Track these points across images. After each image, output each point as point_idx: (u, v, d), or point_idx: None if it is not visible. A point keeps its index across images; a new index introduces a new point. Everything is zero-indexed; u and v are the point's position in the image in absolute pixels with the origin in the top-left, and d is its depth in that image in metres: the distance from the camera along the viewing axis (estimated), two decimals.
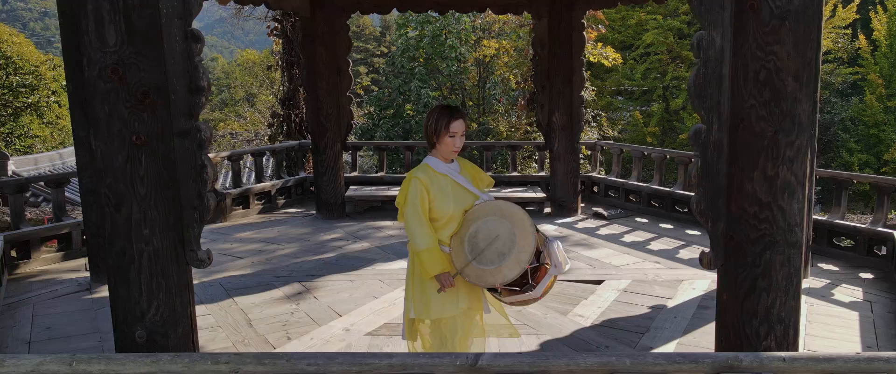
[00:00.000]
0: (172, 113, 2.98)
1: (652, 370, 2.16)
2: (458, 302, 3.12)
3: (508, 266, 2.94)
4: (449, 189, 3.09)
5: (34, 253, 6.07)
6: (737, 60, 2.98)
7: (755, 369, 2.16)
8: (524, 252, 2.94)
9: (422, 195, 3.04)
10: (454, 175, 3.14)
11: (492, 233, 3.01)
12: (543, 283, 3.03)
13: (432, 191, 3.06)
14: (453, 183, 3.11)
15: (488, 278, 2.98)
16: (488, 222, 3.04)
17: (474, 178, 3.26)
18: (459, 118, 3.11)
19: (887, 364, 2.16)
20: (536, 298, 3.08)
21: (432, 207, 3.07)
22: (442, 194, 3.06)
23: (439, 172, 3.12)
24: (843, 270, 5.93)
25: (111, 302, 3.07)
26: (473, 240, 3.04)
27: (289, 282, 5.73)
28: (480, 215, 3.08)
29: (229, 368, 2.15)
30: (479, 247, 3.01)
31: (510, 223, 3.00)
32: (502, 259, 2.95)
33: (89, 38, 2.87)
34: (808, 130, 3.00)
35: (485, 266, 2.98)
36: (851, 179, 6.52)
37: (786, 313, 3.06)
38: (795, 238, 3.03)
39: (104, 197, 3.00)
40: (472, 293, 3.19)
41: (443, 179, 3.10)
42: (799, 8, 2.86)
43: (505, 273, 2.94)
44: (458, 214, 3.10)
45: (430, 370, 2.19)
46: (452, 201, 3.08)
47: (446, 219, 3.09)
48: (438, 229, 3.10)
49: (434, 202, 3.06)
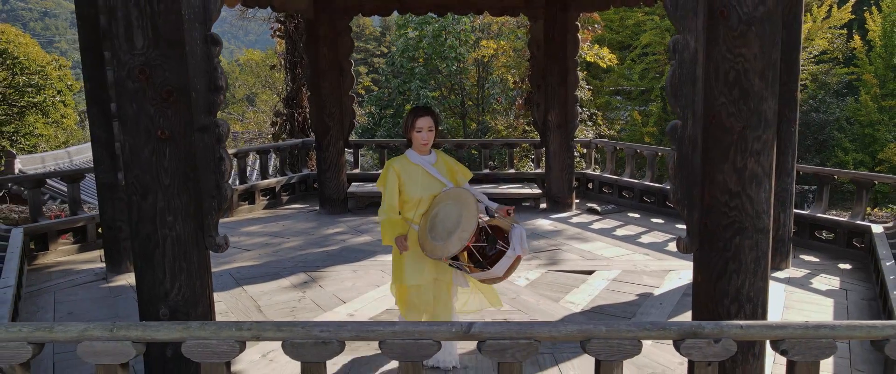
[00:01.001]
0: (193, 110, 3.27)
1: (625, 335, 2.44)
2: (424, 273, 3.70)
3: (452, 242, 3.45)
4: (419, 177, 3.69)
5: (51, 245, 6.35)
6: (709, 62, 3.27)
7: (715, 334, 2.44)
8: (466, 232, 3.44)
9: (393, 179, 3.68)
10: (427, 166, 3.72)
11: (446, 215, 3.56)
12: (503, 264, 3.51)
13: (403, 177, 3.69)
14: (424, 172, 3.71)
15: (437, 251, 3.50)
16: (446, 206, 3.59)
17: (450, 170, 3.84)
18: (425, 115, 3.70)
19: (831, 331, 2.44)
20: (498, 276, 3.58)
21: (402, 190, 3.69)
22: (411, 180, 3.68)
23: (413, 162, 3.73)
24: (823, 261, 6.22)
25: (137, 283, 3.35)
26: (433, 220, 3.60)
27: (295, 272, 6.01)
28: (442, 200, 3.65)
29: (252, 334, 2.44)
30: (435, 225, 3.57)
31: (461, 208, 3.53)
32: (449, 236, 3.46)
33: (119, 42, 3.16)
34: (773, 125, 3.28)
35: (436, 241, 3.51)
36: (833, 174, 6.80)
37: (754, 292, 3.35)
38: (763, 225, 3.32)
39: (131, 187, 3.28)
40: (439, 267, 3.72)
41: (415, 169, 3.71)
42: (764, 15, 3.14)
43: (449, 248, 3.45)
44: (427, 198, 3.68)
45: (429, 337, 2.47)
46: (421, 188, 3.68)
47: (415, 201, 3.68)
48: (408, 209, 3.71)
49: (404, 187, 3.69)
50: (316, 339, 2.45)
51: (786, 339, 2.45)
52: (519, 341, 2.44)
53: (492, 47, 14.29)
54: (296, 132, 11.88)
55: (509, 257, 3.51)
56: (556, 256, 6.48)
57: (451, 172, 3.84)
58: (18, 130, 20.84)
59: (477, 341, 2.48)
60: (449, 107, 18.45)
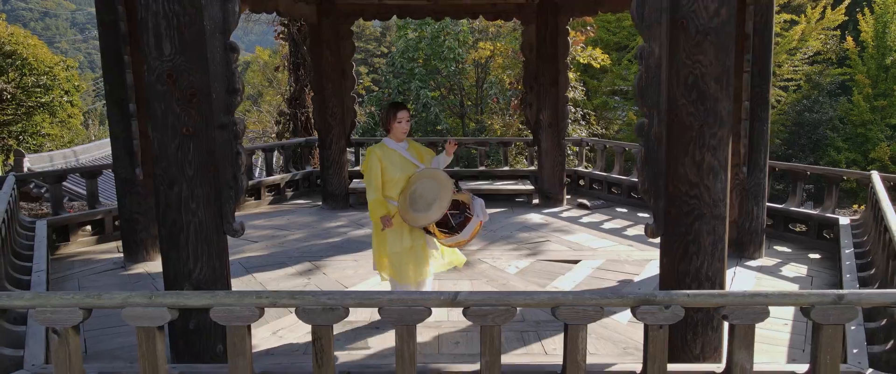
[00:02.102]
0: (214, 110, 3.69)
1: (588, 302, 2.86)
2: (402, 241, 4.46)
3: (433, 212, 4.26)
4: (397, 161, 4.47)
5: (72, 236, 6.77)
6: (671, 67, 3.68)
7: (666, 302, 2.86)
8: (444, 201, 4.27)
9: (377, 164, 4.40)
10: (402, 151, 4.53)
11: (425, 190, 4.34)
12: (469, 229, 4.34)
13: (384, 161, 4.43)
14: (401, 157, 4.50)
15: (420, 221, 4.30)
16: (423, 183, 4.37)
17: (419, 154, 4.64)
18: (403, 110, 4.54)
19: (765, 298, 2.85)
20: (466, 239, 4.39)
21: (384, 172, 4.43)
22: (391, 163, 4.45)
23: (391, 148, 4.51)
24: (795, 251, 6.63)
25: (163, 263, 3.77)
26: (412, 196, 4.35)
27: (300, 261, 6.43)
28: (418, 179, 4.42)
29: (269, 301, 2.85)
30: (415, 200, 4.33)
31: (437, 184, 4.35)
32: (429, 208, 4.27)
33: (149, 49, 3.57)
34: (728, 123, 3.70)
35: (418, 213, 4.30)
36: (805, 170, 7.21)
37: (712, 273, 3.75)
38: (719, 212, 3.73)
39: (159, 178, 3.71)
40: (414, 235, 4.49)
41: (393, 154, 4.49)
42: (718, 26, 3.56)
43: (431, 216, 4.27)
44: (403, 178, 4.45)
45: (420, 305, 2.88)
46: (399, 169, 4.45)
47: (394, 181, 4.44)
48: (390, 187, 4.45)
49: (386, 169, 4.44)
50: (324, 305, 2.87)
51: (726, 306, 2.87)
52: (498, 307, 2.86)
53: (488, 49, 14.70)
54: (299, 131, 12.30)
55: (473, 222, 4.34)
56: (545, 247, 6.90)
57: (421, 156, 4.65)
58: (25, 129, 21.28)
59: (462, 307, 2.90)
60: (448, 107, 18.88)
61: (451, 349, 4.30)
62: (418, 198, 4.33)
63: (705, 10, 3.53)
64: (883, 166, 23.51)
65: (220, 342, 3.79)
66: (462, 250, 4.88)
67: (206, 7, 3.59)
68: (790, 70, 25.45)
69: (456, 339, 4.43)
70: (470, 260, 6.36)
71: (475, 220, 4.32)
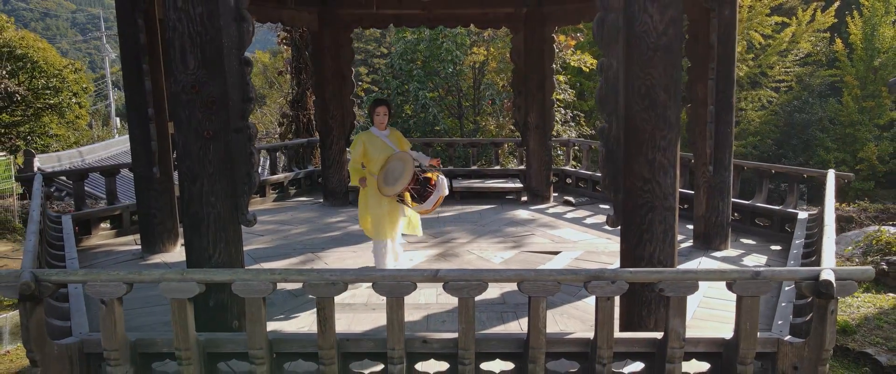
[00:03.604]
0: (231, 115, 4.26)
1: (547, 278, 3.42)
2: (382, 207, 5.79)
3: (398, 185, 5.57)
4: (379, 145, 5.78)
5: (93, 230, 7.34)
6: (627, 79, 4.25)
7: (612, 277, 3.42)
8: (406, 179, 5.55)
9: (360, 146, 5.77)
10: (383, 138, 5.84)
11: (394, 168, 5.63)
12: (430, 201, 5.65)
13: (367, 145, 5.77)
14: (382, 142, 5.81)
15: (388, 191, 5.60)
16: (394, 164, 5.66)
17: (399, 141, 5.90)
18: (382, 105, 5.89)
19: (694, 275, 3.42)
20: (428, 209, 5.71)
21: (367, 153, 5.76)
22: (373, 147, 5.77)
23: (375, 134, 5.83)
24: (759, 243, 7.19)
25: (186, 249, 4.33)
26: (386, 172, 5.65)
27: (303, 252, 6.99)
28: (392, 160, 5.68)
29: (281, 277, 3.42)
30: (387, 176, 5.63)
31: (404, 165, 5.61)
32: (396, 182, 5.58)
33: (176, 64, 4.14)
34: (676, 127, 4.26)
35: (389, 186, 5.61)
36: (770, 168, 7.78)
37: (663, 257, 4.31)
38: (669, 204, 4.29)
39: (183, 175, 4.28)
40: (391, 203, 5.79)
41: (376, 139, 5.81)
42: (666, 43, 4.13)
43: (396, 189, 5.57)
44: (382, 158, 5.72)
45: (407, 280, 3.44)
46: (379, 151, 5.75)
47: (376, 160, 5.73)
48: (371, 164, 5.76)
49: (368, 151, 5.76)
50: (327, 281, 3.43)
51: (662, 280, 3.44)
52: (472, 282, 3.42)
53: (483, 54, 15.26)
54: (300, 132, 12.86)
55: (435, 196, 5.66)
56: (529, 240, 7.47)
57: (400, 142, 5.91)
58: (33, 130, 21.86)
59: (442, 283, 3.46)
60: (446, 107, 19.41)
61: (437, 326, 4.85)
62: (389, 174, 5.64)
63: (655, 30, 4.10)
64: (870, 166, 24.12)
65: (235, 318, 4.35)
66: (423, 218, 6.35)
67: (224, 28, 4.16)
68: (782, 71, 26.03)
69: (443, 318, 4.99)
70: (459, 251, 6.95)
71: (436, 194, 5.68)
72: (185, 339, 3.47)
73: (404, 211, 5.95)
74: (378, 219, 5.80)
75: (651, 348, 3.67)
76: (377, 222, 5.82)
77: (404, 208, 5.90)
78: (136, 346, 3.61)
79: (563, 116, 14.61)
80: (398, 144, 5.88)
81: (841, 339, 8.95)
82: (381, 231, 5.78)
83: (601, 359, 3.51)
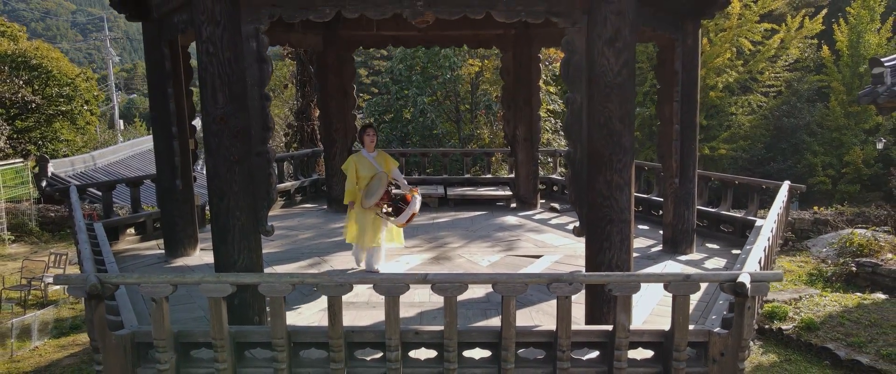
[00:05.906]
0: (253, 142, 5.02)
1: (517, 280, 4.17)
2: (365, 218, 6.73)
3: (372, 200, 6.65)
4: (367, 165, 6.86)
5: (121, 236, 8.10)
6: (589, 111, 5.00)
7: (570, 280, 4.17)
8: (378, 196, 6.67)
9: (352, 166, 6.82)
10: (371, 159, 6.92)
11: (373, 187, 6.71)
12: (403, 217, 6.67)
13: (357, 165, 6.83)
14: (369, 163, 6.88)
15: (366, 204, 6.65)
16: (373, 183, 6.74)
17: (385, 161, 6.99)
18: (369, 128, 7.11)
19: (637, 277, 4.17)
20: (402, 223, 6.75)
21: (357, 172, 6.79)
22: (362, 166, 6.84)
23: (364, 156, 6.92)
24: (721, 248, 7.95)
25: (214, 255, 5.09)
26: (367, 189, 6.72)
27: (310, 256, 7.73)
28: (373, 180, 6.75)
29: (298, 280, 4.18)
30: (368, 191, 6.70)
31: (380, 185, 6.72)
32: (372, 197, 6.68)
33: (206, 99, 4.91)
34: (630, 152, 5.02)
35: (368, 199, 6.67)
36: (734, 180, 8.53)
37: (620, 262, 5.06)
38: (625, 217, 5.05)
39: (212, 192, 5.04)
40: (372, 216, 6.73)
41: (364, 160, 6.89)
42: (621, 82, 4.89)
43: (371, 202, 6.64)
44: (368, 177, 6.79)
45: (401, 282, 4.19)
46: (366, 170, 6.81)
47: (364, 178, 6.78)
48: (361, 182, 6.76)
49: (358, 170, 6.80)
50: (336, 283, 4.19)
51: (610, 282, 4.19)
52: (455, 284, 4.18)
53: (477, 66, 16.00)
54: (305, 142, 13.62)
55: (407, 212, 6.67)
56: (515, 244, 8.22)
57: (385, 162, 6.99)
58: (45, 135, 22.66)
59: (431, 284, 4.22)
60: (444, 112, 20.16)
61: (430, 322, 5.62)
62: (369, 191, 6.76)
63: (611, 71, 4.87)
64: (856, 169, 24.85)
65: (256, 314, 5.11)
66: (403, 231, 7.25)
67: (247, 68, 4.92)
68: (771, 76, 26.76)
69: (434, 315, 5.73)
70: (451, 255, 7.70)
71: (409, 210, 6.74)
72: (220, 330, 4.23)
73: (386, 224, 6.90)
74: (361, 228, 6.78)
75: (604, 338, 4.42)
76: (360, 231, 6.79)
77: (385, 221, 6.87)
78: (178, 337, 4.36)
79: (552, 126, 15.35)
80: (384, 165, 6.97)
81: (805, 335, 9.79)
82: (362, 238, 6.74)
83: (562, 348, 4.27)
